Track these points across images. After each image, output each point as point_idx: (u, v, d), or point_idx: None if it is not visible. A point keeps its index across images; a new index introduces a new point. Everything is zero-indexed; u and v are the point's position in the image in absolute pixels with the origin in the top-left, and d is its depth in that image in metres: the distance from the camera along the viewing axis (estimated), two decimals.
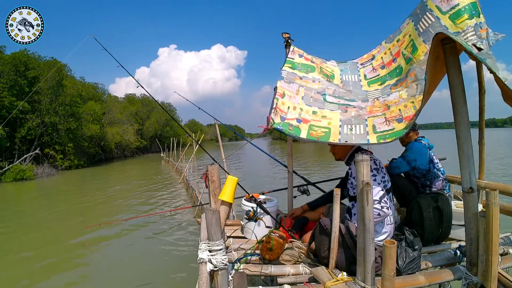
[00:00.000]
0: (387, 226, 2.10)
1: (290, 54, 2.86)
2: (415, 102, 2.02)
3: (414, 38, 2.31)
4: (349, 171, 2.30)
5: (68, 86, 22.83)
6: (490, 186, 2.75)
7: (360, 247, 1.73)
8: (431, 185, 2.75)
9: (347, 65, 2.96)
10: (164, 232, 7.00)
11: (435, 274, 1.98)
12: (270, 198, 2.99)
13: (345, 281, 1.83)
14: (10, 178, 16.87)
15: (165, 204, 9.99)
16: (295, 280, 1.99)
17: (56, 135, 21.76)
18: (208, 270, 1.60)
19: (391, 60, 2.58)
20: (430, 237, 2.37)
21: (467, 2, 1.95)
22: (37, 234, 7.33)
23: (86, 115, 25.08)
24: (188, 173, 12.68)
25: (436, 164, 2.79)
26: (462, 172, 1.83)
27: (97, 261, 5.59)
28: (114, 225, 7.45)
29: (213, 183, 1.87)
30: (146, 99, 45.11)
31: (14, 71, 18.78)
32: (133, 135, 35.86)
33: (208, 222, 1.58)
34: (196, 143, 6.47)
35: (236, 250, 2.39)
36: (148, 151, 43.61)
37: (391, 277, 1.60)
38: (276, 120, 2.16)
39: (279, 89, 2.41)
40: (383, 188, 2.08)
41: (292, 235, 2.48)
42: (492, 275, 1.73)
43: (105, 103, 34.58)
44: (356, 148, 2.34)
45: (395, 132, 1.95)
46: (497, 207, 1.66)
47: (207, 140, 60.01)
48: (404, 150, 2.89)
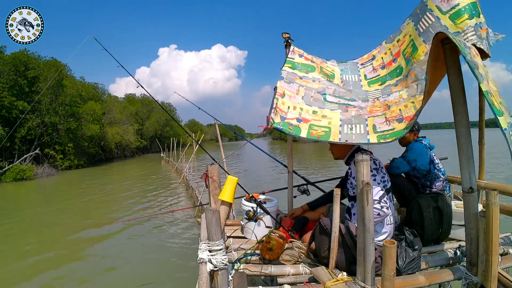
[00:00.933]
0: (387, 226, 2.10)
1: (290, 54, 2.86)
2: (416, 102, 2.02)
3: (414, 38, 2.31)
4: (349, 171, 2.30)
5: (68, 86, 22.82)
6: (490, 186, 2.75)
7: (360, 247, 1.73)
8: (431, 186, 2.75)
9: (347, 65, 2.96)
10: (164, 232, 7.01)
11: (435, 274, 1.98)
12: (270, 198, 2.99)
13: (345, 281, 1.83)
14: (10, 178, 16.87)
15: (165, 204, 9.99)
16: (295, 280, 1.99)
17: (56, 135, 21.76)
18: (208, 270, 1.60)
19: (391, 60, 2.58)
20: (430, 237, 2.36)
21: (467, 2, 1.95)
22: (37, 234, 7.34)
23: (86, 115, 25.07)
24: (188, 173, 12.69)
25: (436, 164, 2.79)
26: (462, 172, 1.83)
27: (97, 261, 5.59)
28: (114, 225, 7.46)
29: (213, 183, 1.87)
30: (146, 99, 45.11)
31: (14, 71, 18.79)
32: (133, 135, 35.87)
33: (208, 222, 1.58)
34: (196, 143, 6.47)
35: (236, 250, 2.39)
36: (148, 151, 43.62)
37: (391, 277, 1.60)
38: (276, 119, 2.16)
39: (279, 89, 2.41)
40: (383, 188, 2.08)
41: (292, 235, 2.48)
42: (492, 275, 1.73)
43: (105, 103, 34.58)
44: (356, 148, 2.34)
45: (396, 132, 1.95)
46: (497, 207, 1.66)
47: (207, 140, 60.01)
48: (405, 150, 2.89)
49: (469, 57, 1.57)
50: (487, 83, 1.62)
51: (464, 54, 1.57)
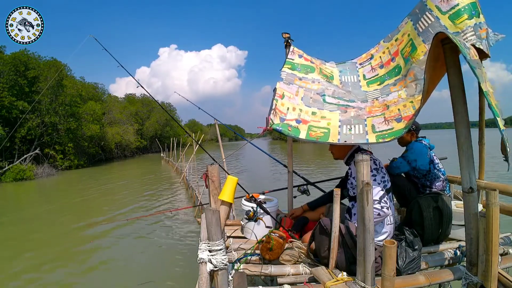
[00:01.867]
0: (387, 226, 2.10)
1: (290, 54, 2.86)
2: (414, 102, 2.02)
3: (413, 37, 2.31)
4: (349, 171, 2.30)
5: (68, 86, 22.81)
6: (490, 186, 2.75)
7: (360, 247, 1.73)
8: (431, 186, 2.75)
9: (346, 65, 2.96)
10: (164, 232, 7.00)
11: (435, 274, 1.98)
12: (270, 198, 2.99)
13: (345, 281, 1.83)
14: (10, 178, 16.86)
15: (165, 204, 10.00)
16: (295, 280, 1.99)
17: (56, 135, 21.75)
18: (208, 270, 1.60)
19: (389, 60, 2.57)
20: (430, 237, 2.37)
21: (466, 2, 1.95)
22: (37, 233, 7.33)
23: (86, 115, 25.05)
24: (188, 173, 12.69)
25: (436, 164, 2.79)
26: (462, 172, 1.83)
27: (96, 261, 5.59)
28: (114, 224, 7.47)
29: (213, 183, 1.87)
30: (146, 99, 45.08)
31: (14, 71, 18.77)
32: (133, 135, 35.84)
33: (208, 222, 1.58)
34: (196, 143, 6.46)
35: (236, 250, 2.39)
36: (148, 151, 43.59)
37: (391, 277, 1.60)
38: (275, 121, 2.17)
39: (278, 90, 2.41)
40: (383, 188, 2.08)
41: (292, 235, 2.48)
42: (492, 275, 1.73)
43: (105, 103, 34.56)
44: (356, 148, 2.34)
45: (394, 132, 1.95)
46: (497, 207, 1.66)
47: (207, 140, 60.01)
48: (405, 150, 2.89)
49: (469, 57, 1.58)
50: (485, 84, 1.62)
51: (465, 54, 1.57)
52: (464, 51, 1.59)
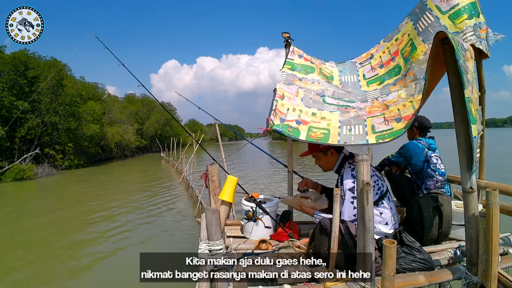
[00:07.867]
0: (388, 226, 2.10)
1: (290, 54, 2.86)
2: (414, 102, 2.02)
3: (413, 37, 2.31)
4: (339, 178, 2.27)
5: (68, 85, 22.80)
6: (490, 186, 2.75)
7: (360, 247, 1.74)
8: (421, 185, 2.75)
9: (346, 65, 2.96)
10: (164, 231, 7.01)
11: (435, 274, 1.98)
12: (270, 198, 2.98)
13: (345, 281, 1.83)
14: (10, 177, 16.86)
15: (165, 203, 10.00)
16: (295, 280, 1.99)
17: (56, 134, 21.74)
18: (208, 270, 1.60)
19: (389, 59, 2.58)
20: (430, 237, 2.36)
21: (466, 2, 1.96)
22: (36, 232, 7.33)
23: (86, 114, 25.05)
24: (188, 173, 12.69)
25: (432, 164, 2.78)
26: (462, 172, 1.83)
27: (96, 260, 5.59)
28: (114, 224, 7.48)
29: (213, 183, 1.88)
30: (146, 98, 45.06)
31: (14, 71, 18.74)
32: (133, 134, 35.82)
33: (208, 221, 1.58)
34: (196, 143, 6.46)
35: (236, 250, 2.39)
36: (148, 151, 43.57)
37: (391, 277, 1.60)
38: (275, 121, 2.16)
39: (278, 91, 2.41)
40: (378, 192, 2.09)
41: (292, 235, 2.48)
42: (492, 275, 1.73)
43: (105, 102, 34.55)
44: (343, 157, 2.31)
45: (394, 132, 1.95)
46: (497, 207, 1.66)
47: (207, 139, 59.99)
48: (400, 148, 2.92)
49: (461, 61, 1.58)
50: (470, 90, 1.64)
51: (458, 57, 1.57)
52: (459, 54, 1.59)
